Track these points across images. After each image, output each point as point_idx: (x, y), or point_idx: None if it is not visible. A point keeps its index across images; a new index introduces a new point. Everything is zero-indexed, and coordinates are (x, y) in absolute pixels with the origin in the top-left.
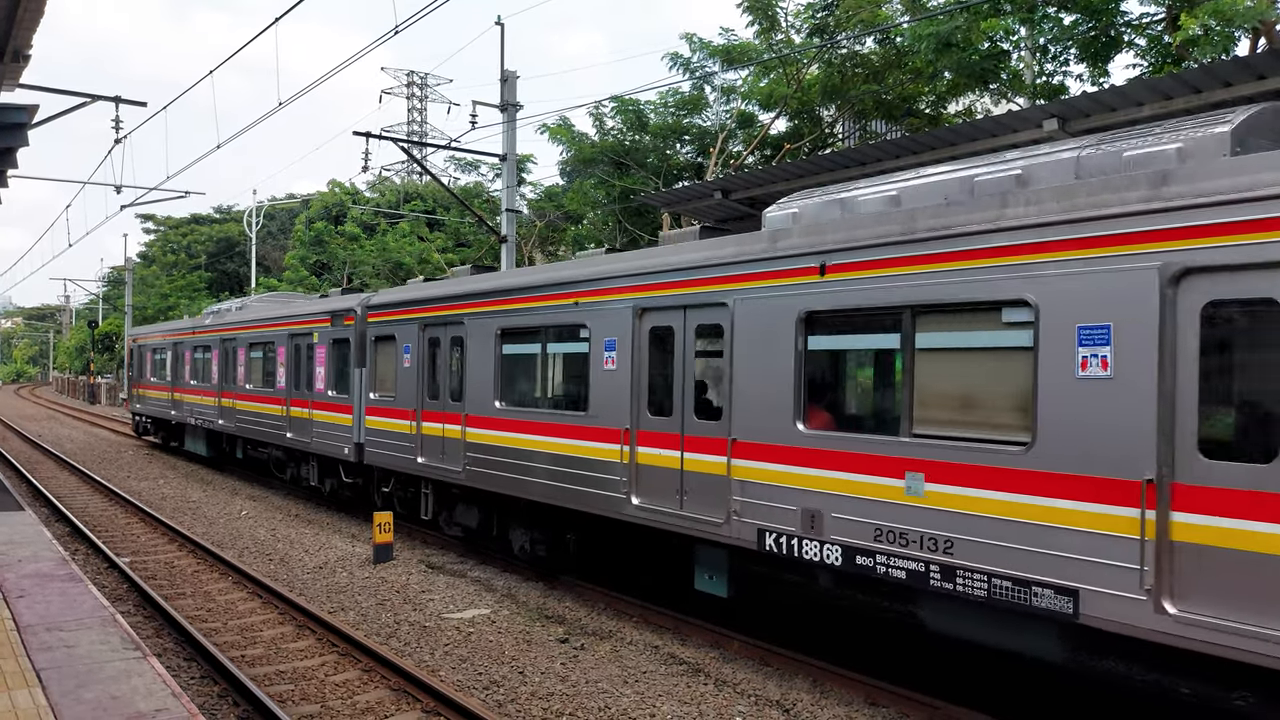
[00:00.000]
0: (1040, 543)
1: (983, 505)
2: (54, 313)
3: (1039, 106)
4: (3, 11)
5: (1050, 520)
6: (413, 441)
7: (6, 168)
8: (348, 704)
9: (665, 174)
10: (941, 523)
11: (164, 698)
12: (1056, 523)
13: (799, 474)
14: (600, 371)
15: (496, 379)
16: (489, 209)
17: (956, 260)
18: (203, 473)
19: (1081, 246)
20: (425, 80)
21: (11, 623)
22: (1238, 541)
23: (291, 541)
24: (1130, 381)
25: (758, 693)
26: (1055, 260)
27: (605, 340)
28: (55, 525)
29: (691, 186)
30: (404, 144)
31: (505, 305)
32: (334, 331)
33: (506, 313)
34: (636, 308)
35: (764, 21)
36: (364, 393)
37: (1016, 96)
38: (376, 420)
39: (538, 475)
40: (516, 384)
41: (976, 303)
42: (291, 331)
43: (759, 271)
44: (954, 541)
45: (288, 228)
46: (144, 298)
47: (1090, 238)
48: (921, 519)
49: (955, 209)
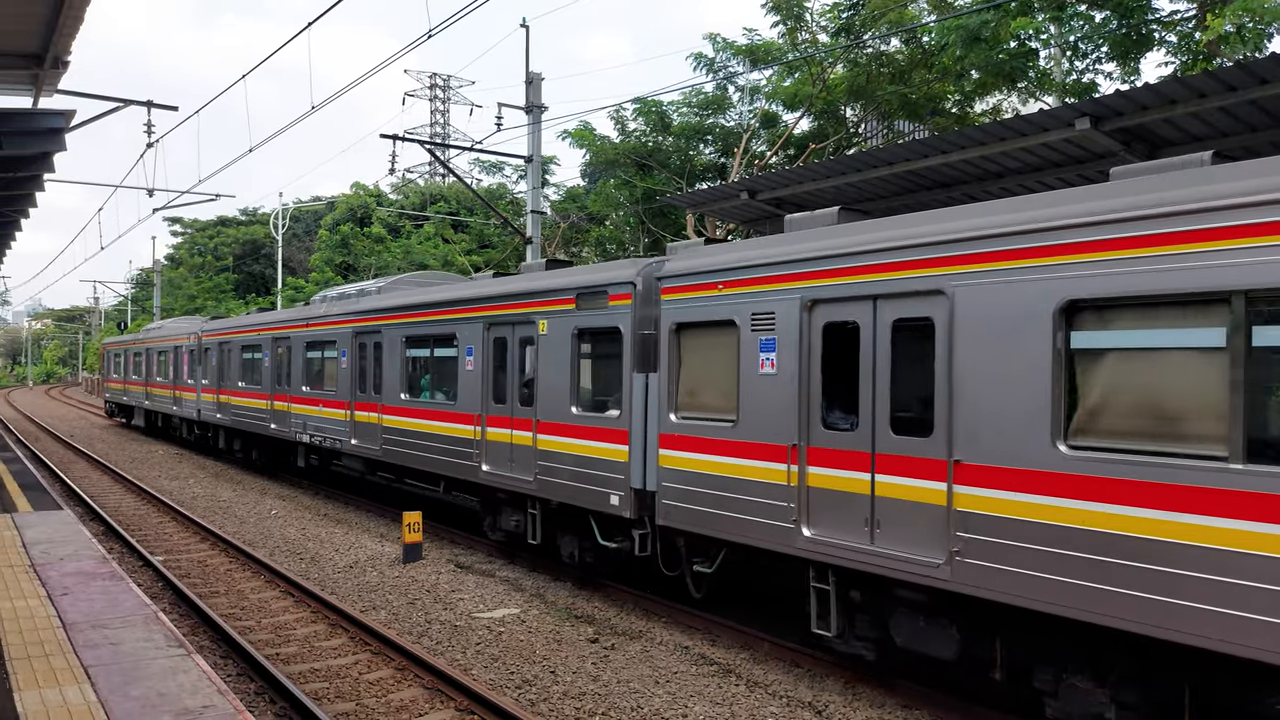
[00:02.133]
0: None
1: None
2: (83, 314)
3: (1070, 105)
4: (44, 18)
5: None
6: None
7: (44, 172)
8: (382, 702)
9: (688, 175)
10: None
11: (210, 694)
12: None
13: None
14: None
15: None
16: (513, 210)
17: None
18: (231, 472)
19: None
20: (448, 82)
21: (57, 620)
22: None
23: (321, 540)
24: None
25: (789, 694)
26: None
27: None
28: (91, 524)
29: (717, 187)
30: (430, 146)
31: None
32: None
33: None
34: (805, 300)
35: (789, 21)
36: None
37: (1045, 95)
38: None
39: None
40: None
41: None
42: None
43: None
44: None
45: (313, 230)
46: (171, 299)
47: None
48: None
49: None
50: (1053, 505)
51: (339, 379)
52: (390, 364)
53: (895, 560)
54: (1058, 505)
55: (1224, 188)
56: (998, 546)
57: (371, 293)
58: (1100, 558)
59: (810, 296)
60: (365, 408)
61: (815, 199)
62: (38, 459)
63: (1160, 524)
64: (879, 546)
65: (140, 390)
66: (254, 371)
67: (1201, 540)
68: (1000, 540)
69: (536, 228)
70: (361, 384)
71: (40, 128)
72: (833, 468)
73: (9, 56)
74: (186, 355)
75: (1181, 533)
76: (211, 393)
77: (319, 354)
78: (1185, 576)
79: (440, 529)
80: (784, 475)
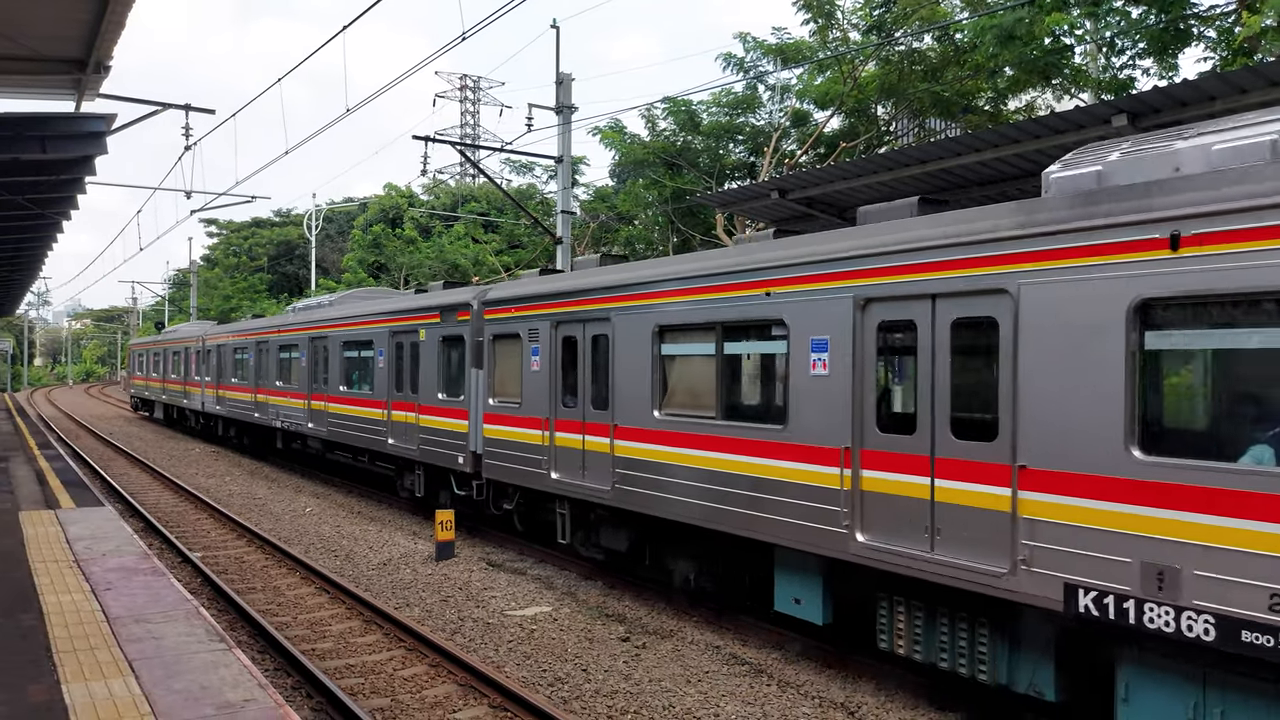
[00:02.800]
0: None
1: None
2: (122, 314)
3: (1107, 102)
4: (87, 24)
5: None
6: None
7: (85, 174)
8: (417, 698)
9: (718, 174)
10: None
11: (251, 688)
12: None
13: (1133, 514)
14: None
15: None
16: (543, 210)
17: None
18: (267, 470)
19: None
20: (478, 84)
21: (101, 614)
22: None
23: (355, 538)
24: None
25: (821, 695)
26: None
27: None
28: (131, 520)
29: (748, 186)
30: (461, 147)
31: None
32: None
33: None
34: (858, 298)
35: (820, 19)
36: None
37: (1081, 91)
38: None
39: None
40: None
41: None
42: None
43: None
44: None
45: (346, 230)
46: (207, 299)
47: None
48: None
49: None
50: (1125, 513)
51: (298, 375)
52: (333, 363)
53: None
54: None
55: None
56: (1067, 555)
57: (326, 305)
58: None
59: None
60: (305, 396)
61: (847, 198)
62: (79, 456)
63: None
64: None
65: (159, 386)
66: (243, 370)
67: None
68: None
69: (566, 228)
70: (313, 378)
71: (82, 131)
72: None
73: (53, 62)
74: (194, 356)
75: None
76: (213, 388)
77: (289, 355)
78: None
79: (474, 527)
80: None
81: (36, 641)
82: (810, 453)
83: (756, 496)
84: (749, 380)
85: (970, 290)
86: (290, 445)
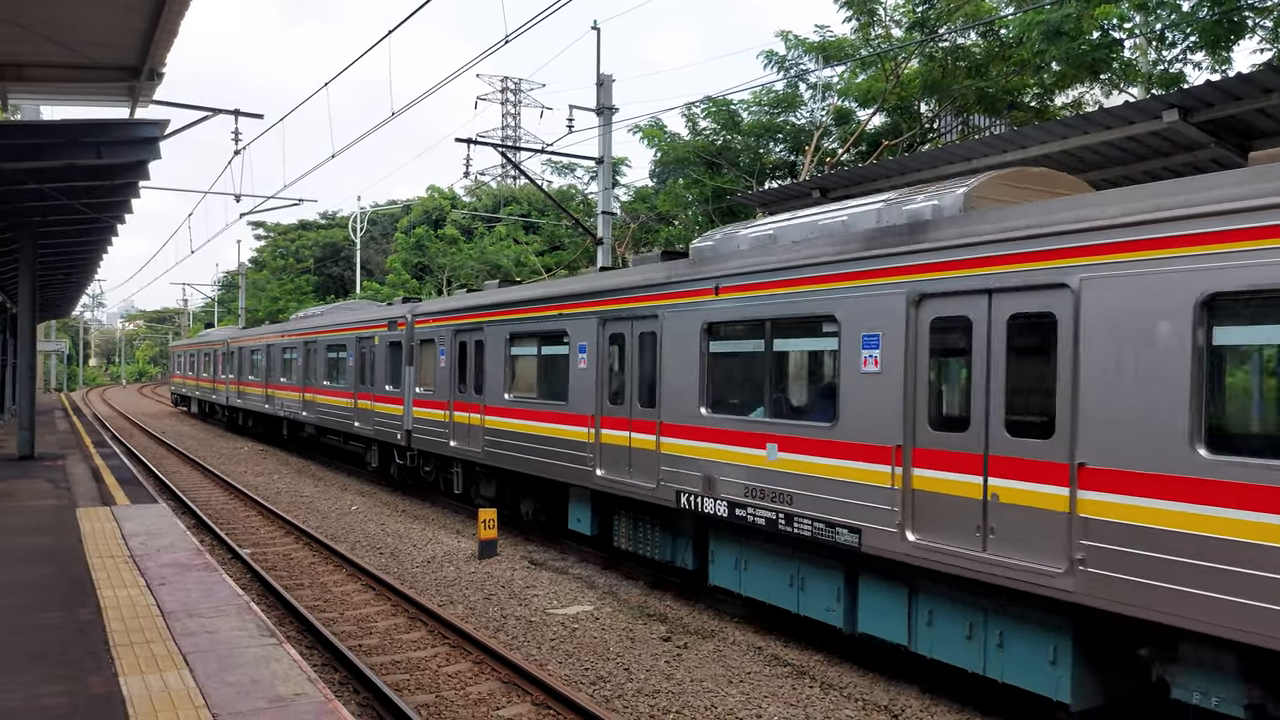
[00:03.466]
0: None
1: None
2: (173, 315)
3: (1158, 97)
4: (141, 33)
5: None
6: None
7: (139, 179)
8: (461, 695)
9: (758, 173)
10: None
11: (301, 682)
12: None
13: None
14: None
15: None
16: (584, 211)
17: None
18: (313, 468)
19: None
20: (519, 86)
21: (156, 609)
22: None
23: (400, 536)
24: None
25: (865, 697)
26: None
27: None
28: (183, 517)
29: (789, 185)
30: (502, 149)
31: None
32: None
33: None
34: (912, 294)
35: (863, 16)
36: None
37: (1130, 87)
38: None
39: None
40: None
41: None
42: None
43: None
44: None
45: (390, 232)
46: (255, 301)
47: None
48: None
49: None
50: (1191, 513)
51: (296, 373)
52: (320, 363)
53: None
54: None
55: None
56: (1129, 556)
57: (318, 315)
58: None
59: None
60: (300, 390)
61: None
62: (132, 454)
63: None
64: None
65: (194, 384)
66: (256, 369)
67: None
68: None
69: (607, 229)
70: (306, 375)
71: (136, 137)
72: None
73: (108, 69)
74: (221, 357)
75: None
76: (235, 385)
77: (289, 357)
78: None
79: (514, 528)
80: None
81: (95, 635)
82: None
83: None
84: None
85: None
86: (295, 434)
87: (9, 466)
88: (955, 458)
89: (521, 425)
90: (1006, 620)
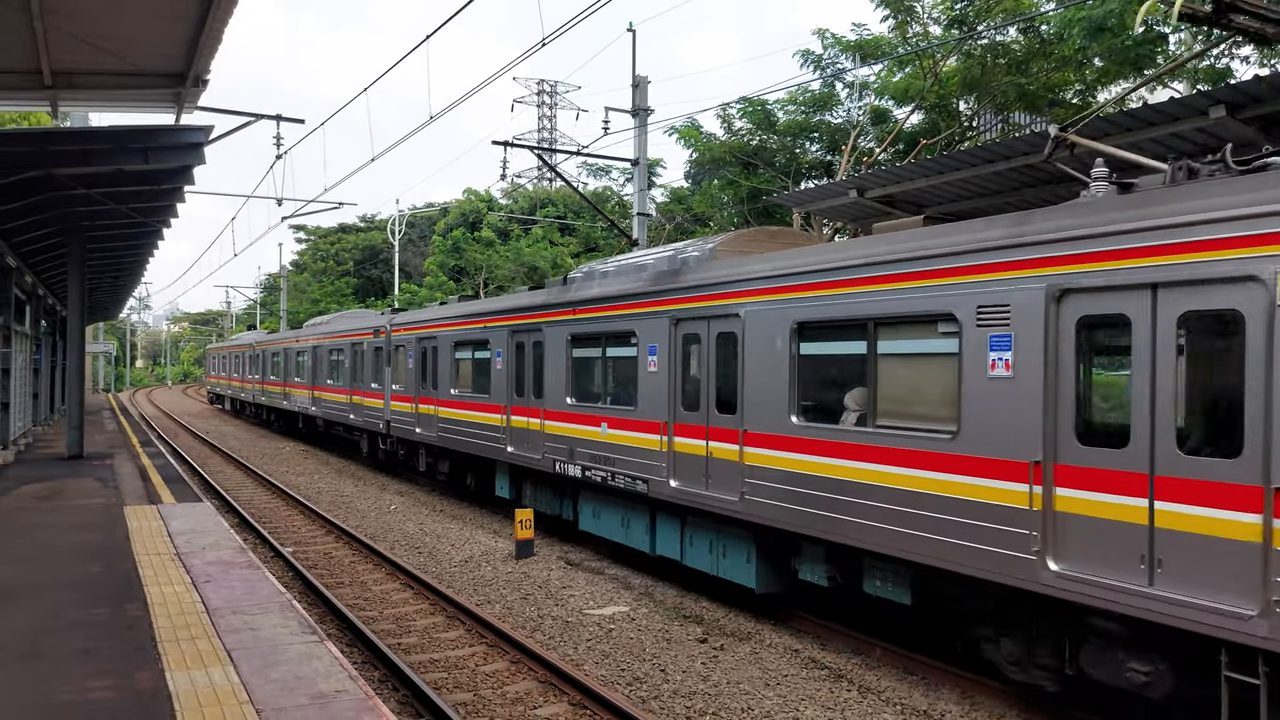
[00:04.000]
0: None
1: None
2: (216, 317)
3: (1204, 92)
4: (187, 40)
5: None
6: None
7: (184, 184)
8: (498, 694)
9: (794, 173)
10: None
11: (342, 680)
12: None
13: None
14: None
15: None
16: (619, 212)
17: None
18: (353, 468)
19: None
20: (555, 88)
21: (201, 605)
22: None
23: (438, 535)
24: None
25: (903, 701)
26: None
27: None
28: (227, 515)
29: (825, 186)
30: (539, 151)
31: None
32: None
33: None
34: (1052, 289)
35: (900, 15)
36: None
37: (1175, 82)
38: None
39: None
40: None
41: None
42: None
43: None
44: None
45: (428, 234)
46: (296, 303)
47: None
48: None
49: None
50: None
51: (306, 373)
52: (324, 365)
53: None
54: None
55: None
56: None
57: (324, 323)
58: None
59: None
60: (309, 388)
61: (928, 195)
62: (177, 454)
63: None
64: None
65: (225, 383)
66: (276, 370)
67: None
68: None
69: (642, 230)
70: (314, 375)
71: (182, 142)
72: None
73: (154, 76)
74: (247, 359)
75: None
76: (259, 384)
77: (302, 359)
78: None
79: (552, 528)
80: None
81: (142, 631)
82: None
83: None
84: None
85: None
86: (309, 427)
87: (59, 465)
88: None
89: (462, 414)
90: (725, 538)
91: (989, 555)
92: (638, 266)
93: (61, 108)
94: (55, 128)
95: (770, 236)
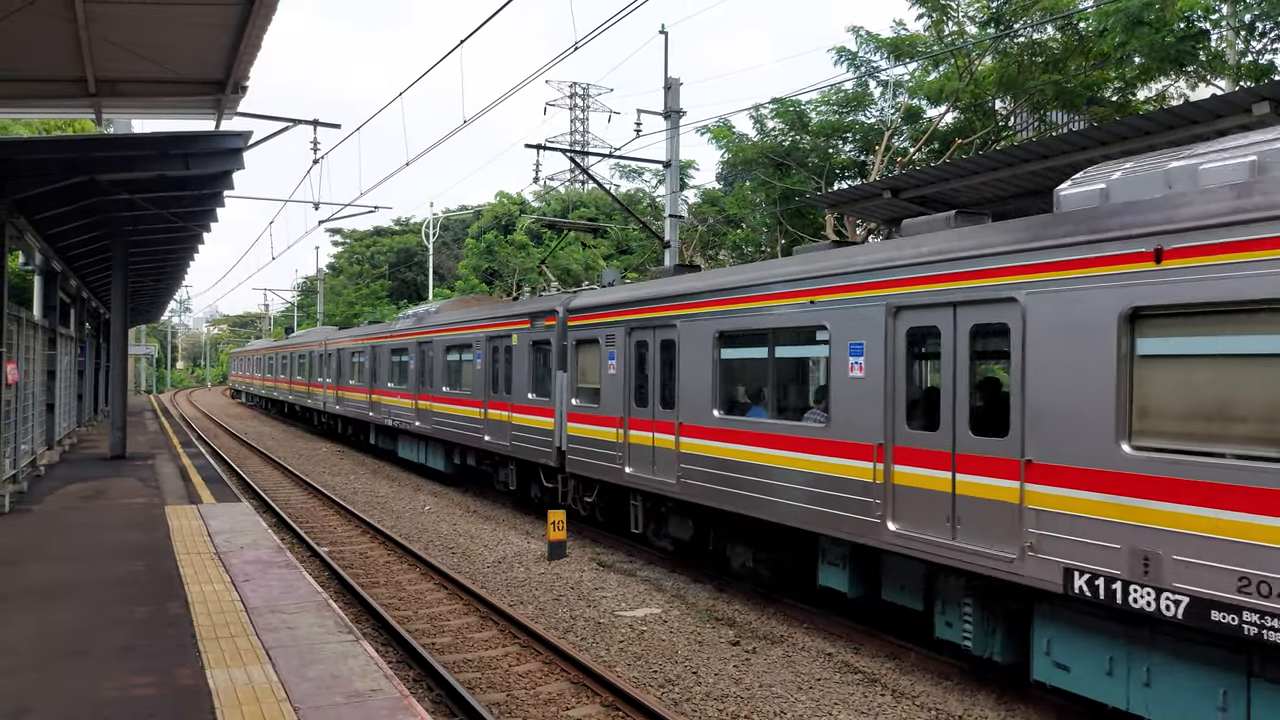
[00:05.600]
0: None
1: None
2: (255, 320)
3: (1247, 89)
4: (226, 48)
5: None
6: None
7: (224, 189)
8: (531, 694)
9: (827, 173)
10: None
11: (378, 679)
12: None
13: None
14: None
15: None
16: (652, 214)
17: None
18: (388, 469)
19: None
20: (587, 91)
21: (240, 604)
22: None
23: (471, 536)
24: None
25: (938, 707)
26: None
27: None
28: (265, 515)
29: (859, 186)
30: (572, 154)
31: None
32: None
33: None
34: (890, 306)
35: (935, 13)
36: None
37: (1217, 79)
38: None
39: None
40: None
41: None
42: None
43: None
44: None
45: (461, 237)
46: (333, 305)
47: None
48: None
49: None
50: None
51: (324, 375)
52: (344, 367)
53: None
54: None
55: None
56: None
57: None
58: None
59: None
60: (323, 388)
61: (963, 195)
62: (217, 454)
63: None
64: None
65: (246, 382)
66: (300, 371)
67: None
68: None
69: (674, 232)
70: (336, 377)
71: (221, 148)
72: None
73: (195, 84)
74: (268, 361)
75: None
76: (274, 382)
77: (309, 362)
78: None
79: (583, 528)
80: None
81: (183, 629)
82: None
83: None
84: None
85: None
86: (324, 422)
87: (103, 466)
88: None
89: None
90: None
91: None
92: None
93: (105, 115)
94: (99, 134)
95: (473, 300)
